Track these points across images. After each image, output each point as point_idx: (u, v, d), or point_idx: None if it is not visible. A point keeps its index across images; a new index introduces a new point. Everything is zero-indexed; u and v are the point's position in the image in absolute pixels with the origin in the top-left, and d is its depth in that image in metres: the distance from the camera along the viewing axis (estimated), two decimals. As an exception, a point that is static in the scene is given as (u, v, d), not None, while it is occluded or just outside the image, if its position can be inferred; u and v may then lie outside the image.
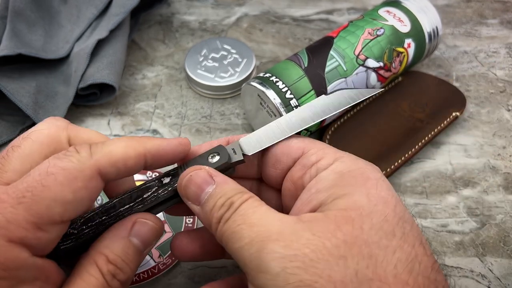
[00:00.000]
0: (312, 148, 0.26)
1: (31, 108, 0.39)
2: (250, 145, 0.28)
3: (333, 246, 0.21)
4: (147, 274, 0.32)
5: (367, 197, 0.22)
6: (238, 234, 0.22)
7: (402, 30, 0.40)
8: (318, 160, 0.25)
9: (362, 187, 0.23)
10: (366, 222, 0.22)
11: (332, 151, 0.26)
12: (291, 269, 0.20)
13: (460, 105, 0.41)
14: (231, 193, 0.24)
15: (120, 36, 0.44)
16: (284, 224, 0.22)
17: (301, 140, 0.27)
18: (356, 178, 0.24)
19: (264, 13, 0.53)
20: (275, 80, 0.36)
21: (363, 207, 0.22)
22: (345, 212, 0.22)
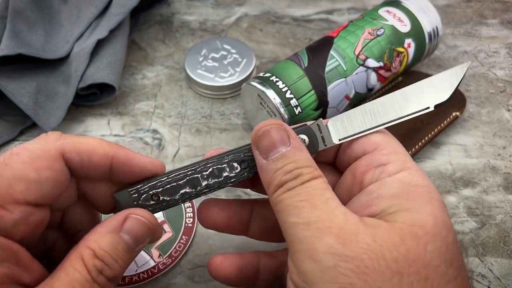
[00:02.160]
0: (386, 148, 0.25)
1: (31, 108, 0.39)
2: (339, 131, 0.26)
3: (393, 259, 0.20)
4: (147, 274, 0.32)
5: (434, 218, 0.21)
6: (298, 209, 0.21)
7: (402, 30, 0.40)
8: (387, 163, 0.24)
9: (428, 206, 0.22)
10: (431, 243, 0.21)
11: (403, 158, 0.24)
12: (344, 270, 0.20)
13: (460, 105, 0.41)
14: (303, 163, 0.23)
15: (120, 36, 0.44)
16: (348, 220, 0.21)
17: (380, 134, 0.26)
18: (422, 194, 0.22)
19: (264, 13, 0.53)
20: (275, 80, 0.36)
21: (430, 227, 0.21)
22: (411, 227, 0.21)
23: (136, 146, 0.41)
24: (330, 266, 0.20)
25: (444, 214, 0.22)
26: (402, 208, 0.22)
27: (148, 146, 0.41)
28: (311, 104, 0.36)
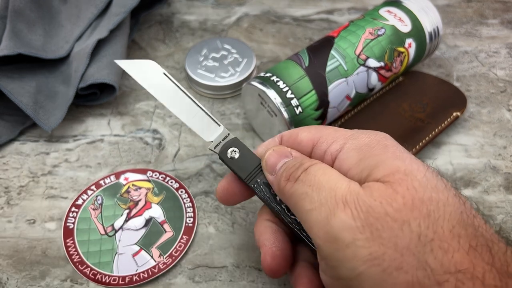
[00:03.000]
0: (321, 137, 0.26)
1: (31, 108, 0.39)
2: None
3: (395, 211, 0.20)
4: (147, 273, 0.32)
5: (400, 160, 0.22)
6: (309, 196, 0.23)
7: (403, 30, 0.40)
8: (329, 146, 0.26)
9: (388, 153, 0.23)
10: (414, 181, 0.21)
11: (341, 133, 0.26)
12: (361, 242, 0.20)
13: (460, 105, 0.41)
14: (302, 158, 0.26)
15: (120, 36, 0.44)
16: (350, 189, 0.22)
17: (307, 131, 0.27)
18: (375, 148, 0.24)
19: (264, 13, 0.53)
20: (275, 80, 0.36)
21: (403, 169, 0.22)
22: (392, 176, 0.22)
23: (136, 146, 0.41)
24: (348, 243, 0.20)
25: (402, 152, 0.23)
26: (371, 167, 0.23)
27: (148, 146, 0.41)
28: (312, 104, 0.36)
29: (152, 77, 0.31)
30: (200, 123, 0.31)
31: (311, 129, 0.28)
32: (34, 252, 0.34)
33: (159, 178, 0.38)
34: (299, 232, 0.26)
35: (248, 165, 0.29)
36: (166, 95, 0.31)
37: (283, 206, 0.27)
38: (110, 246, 0.34)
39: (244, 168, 0.29)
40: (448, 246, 0.19)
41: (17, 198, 0.37)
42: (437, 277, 0.19)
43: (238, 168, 0.29)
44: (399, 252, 0.19)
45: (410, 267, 0.19)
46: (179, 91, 0.31)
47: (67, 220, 0.35)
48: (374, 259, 0.20)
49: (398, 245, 0.20)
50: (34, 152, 0.40)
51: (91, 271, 0.33)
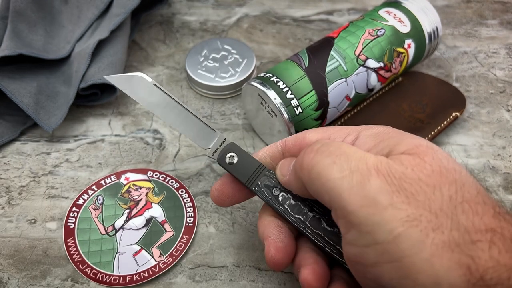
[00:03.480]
0: (331, 134, 0.27)
1: (32, 108, 0.39)
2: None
3: (426, 176, 0.21)
4: (148, 273, 0.32)
5: (418, 139, 0.24)
6: (336, 164, 0.23)
7: (402, 30, 0.40)
8: (344, 138, 0.26)
9: (405, 135, 0.24)
10: (438, 152, 0.23)
11: (352, 128, 0.27)
12: (398, 204, 0.21)
13: (460, 106, 0.41)
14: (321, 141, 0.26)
15: (121, 36, 0.44)
16: (379, 159, 0.23)
17: (314, 131, 0.28)
18: (391, 133, 0.25)
19: (264, 13, 0.53)
20: (275, 80, 0.36)
21: (425, 144, 0.23)
22: (416, 149, 0.23)
23: (137, 146, 0.41)
24: (386, 205, 0.21)
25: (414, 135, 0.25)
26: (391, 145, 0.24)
27: (149, 146, 0.41)
28: (311, 104, 0.36)
29: (143, 91, 0.31)
30: (196, 131, 0.31)
31: (317, 130, 0.28)
32: (35, 252, 0.34)
33: (160, 178, 0.38)
34: (304, 230, 0.27)
35: (248, 169, 0.29)
36: (159, 107, 0.31)
37: (285, 206, 0.28)
38: (111, 246, 0.34)
39: (244, 173, 0.29)
40: (476, 209, 0.21)
41: (18, 198, 0.37)
42: (471, 236, 0.20)
43: (238, 173, 0.29)
44: (434, 213, 0.20)
45: (445, 228, 0.20)
46: (172, 101, 0.31)
47: (68, 220, 0.35)
48: (412, 221, 0.20)
49: (432, 207, 0.21)
50: (35, 152, 0.40)
51: (92, 271, 0.33)
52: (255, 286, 0.32)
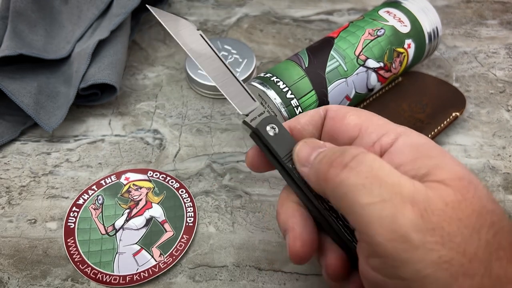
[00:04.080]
0: (370, 126, 0.25)
1: (32, 108, 0.39)
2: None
3: (466, 217, 0.20)
4: (148, 273, 0.32)
5: (460, 166, 0.22)
6: (366, 188, 0.21)
7: (402, 30, 0.40)
8: (380, 137, 0.24)
9: (447, 157, 0.22)
10: (478, 190, 0.21)
11: (392, 127, 0.25)
12: (431, 244, 0.19)
13: (460, 106, 0.41)
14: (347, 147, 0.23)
15: (121, 36, 0.44)
16: (416, 188, 0.21)
17: (357, 115, 0.26)
18: (432, 149, 0.23)
19: (264, 13, 0.53)
20: (275, 80, 0.36)
21: (466, 176, 0.21)
22: (458, 181, 0.21)
23: (137, 146, 0.41)
24: (419, 244, 0.19)
25: (459, 162, 0.23)
26: (430, 167, 0.22)
27: (149, 146, 0.41)
28: (311, 104, 0.36)
29: (189, 37, 0.30)
30: (236, 94, 0.29)
31: (360, 114, 0.26)
32: (35, 252, 0.34)
33: (160, 178, 0.38)
34: (335, 220, 0.25)
35: (286, 145, 0.27)
36: (202, 57, 0.29)
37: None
38: (111, 246, 0.34)
39: (282, 147, 0.27)
40: (510, 257, 0.20)
41: (18, 198, 0.37)
42: (502, 284, 0.19)
43: (277, 145, 0.27)
44: (468, 258, 0.19)
45: (477, 274, 0.19)
46: (217, 57, 0.30)
47: (68, 219, 0.35)
48: (443, 263, 0.19)
49: (467, 251, 0.19)
50: (35, 152, 0.40)
51: (92, 271, 0.33)
52: (255, 286, 0.32)
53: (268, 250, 0.34)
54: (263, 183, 0.38)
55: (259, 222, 0.36)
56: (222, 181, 0.38)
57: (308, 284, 0.32)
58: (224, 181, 0.38)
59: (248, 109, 0.29)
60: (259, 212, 0.36)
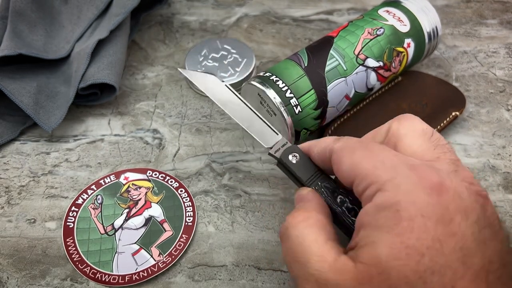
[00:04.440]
0: (358, 176, 0.24)
1: (31, 108, 0.39)
2: None
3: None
4: (147, 272, 0.32)
5: (390, 249, 0.21)
6: (288, 266, 0.25)
7: (401, 30, 0.40)
8: (365, 190, 0.24)
9: (390, 234, 0.21)
10: (384, 281, 0.21)
11: (380, 173, 0.23)
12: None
13: (459, 105, 0.41)
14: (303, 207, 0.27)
15: (121, 36, 0.44)
16: (325, 269, 0.23)
17: (350, 162, 0.25)
18: (388, 219, 0.22)
19: (264, 13, 0.53)
20: (275, 79, 0.36)
21: (382, 262, 0.21)
22: (366, 267, 0.21)
23: (137, 145, 0.41)
24: None
25: (409, 236, 0.21)
26: (365, 243, 0.22)
27: (148, 145, 0.41)
28: (311, 103, 0.36)
29: (216, 90, 0.35)
30: (260, 131, 0.33)
31: (353, 159, 0.25)
32: (34, 252, 0.34)
33: (159, 177, 0.38)
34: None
35: (308, 170, 0.30)
36: (229, 104, 0.34)
37: (343, 208, 0.28)
38: (110, 245, 0.34)
39: (304, 172, 0.30)
40: None
41: (17, 198, 0.37)
42: None
43: (299, 171, 0.30)
44: None
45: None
46: (241, 102, 0.34)
47: (67, 219, 0.35)
48: None
49: None
50: (35, 152, 0.40)
51: (91, 270, 0.33)
52: (254, 286, 0.32)
53: (268, 249, 0.34)
54: (263, 182, 0.38)
55: (259, 222, 0.36)
56: (221, 181, 0.38)
57: (307, 284, 0.32)
58: (224, 181, 0.38)
59: (272, 142, 0.32)
60: (258, 212, 0.36)
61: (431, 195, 0.22)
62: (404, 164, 0.23)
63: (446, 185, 0.22)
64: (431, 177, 0.22)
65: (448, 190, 0.22)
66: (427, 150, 0.25)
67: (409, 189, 0.22)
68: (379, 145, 0.25)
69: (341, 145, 0.27)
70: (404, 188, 0.22)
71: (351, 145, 0.26)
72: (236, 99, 0.34)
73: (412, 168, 0.23)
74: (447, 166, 0.24)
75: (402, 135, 0.26)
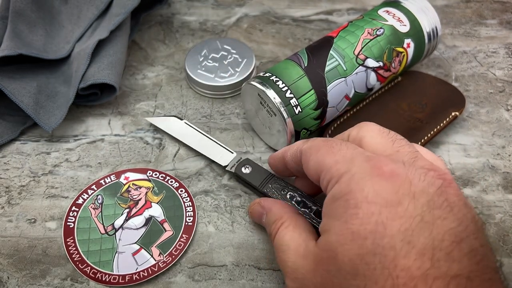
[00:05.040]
0: (322, 170, 0.26)
1: (32, 108, 0.39)
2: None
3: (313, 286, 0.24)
4: (147, 272, 0.32)
5: (337, 235, 0.23)
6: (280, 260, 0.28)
7: (401, 30, 0.40)
8: (327, 184, 0.26)
9: (339, 221, 0.24)
10: (332, 264, 0.23)
11: (339, 166, 0.25)
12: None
13: (459, 105, 0.41)
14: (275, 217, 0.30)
15: (121, 36, 0.44)
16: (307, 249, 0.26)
17: (315, 160, 0.27)
18: (339, 207, 0.24)
19: (264, 13, 0.53)
20: (275, 80, 0.36)
21: (332, 247, 0.23)
22: (321, 252, 0.25)
23: (137, 146, 0.41)
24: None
25: (353, 221, 0.23)
26: (323, 230, 0.25)
27: (148, 145, 0.41)
28: (311, 103, 0.36)
29: (176, 127, 0.41)
30: (217, 153, 0.39)
31: (318, 157, 0.27)
32: (34, 251, 0.34)
33: (159, 177, 0.38)
34: (310, 220, 0.31)
35: (259, 176, 0.36)
36: (189, 137, 0.40)
37: (293, 203, 0.33)
38: (110, 245, 0.34)
39: (256, 179, 0.36)
40: None
41: (17, 198, 0.37)
42: None
43: (252, 179, 0.36)
44: None
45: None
46: (198, 133, 0.40)
47: (68, 219, 0.35)
48: None
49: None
50: (35, 152, 0.40)
51: (91, 270, 0.33)
52: (254, 285, 0.32)
53: (268, 249, 0.34)
54: (263, 182, 0.38)
55: (259, 222, 0.36)
56: (221, 181, 0.38)
57: (307, 284, 0.32)
58: (224, 181, 0.38)
59: (228, 160, 0.38)
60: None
61: (381, 181, 0.23)
62: (361, 156, 0.25)
63: (397, 171, 0.23)
64: (383, 165, 0.24)
65: (399, 176, 0.23)
66: (386, 145, 0.27)
67: (360, 177, 0.24)
68: (343, 142, 0.27)
69: (309, 145, 0.29)
70: (357, 177, 0.24)
71: (317, 144, 0.28)
72: (194, 132, 0.40)
73: (368, 159, 0.25)
74: (405, 157, 0.26)
75: (362, 137, 0.28)
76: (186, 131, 0.40)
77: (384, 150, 0.27)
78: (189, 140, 0.40)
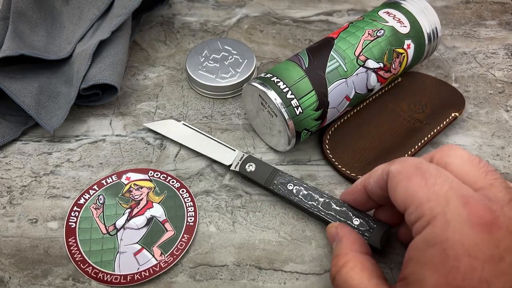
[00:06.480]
0: (412, 204, 0.24)
1: (33, 108, 0.39)
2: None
3: None
4: (149, 272, 0.33)
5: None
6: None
7: (401, 31, 0.40)
8: (417, 220, 0.24)
9: (436, 273, 0.22)
10: None
11: (432, 205, 0.23)
12: None
13: (459, 106, 0.41)
14: (340, 251, 0.29)
15: (122, 37, 0.44)
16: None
17: (404, 188, 0.25)
18: (435, 256, 0.22)
19: (264, 14, 0.53)
20: (276, 81, 0.36)
21: None
22: None
23: (138, 146, 0.41)
24: None
25: (453, 277, 0.21)
26: (412, 280, 0.23)
27: (149, 146, 0.41)
28: (311, 104, 0.36)
29: (174, 129, 0.41)
30: (219, 153, 0.39)
31: (408, 186, 0.25)
32: (36, 251, 0.34)
33: (161, 177, 0.38)
34: (318, 213, 0.33)
35: (264, 173, 0.36)
36: (188, 139, 0.40)
37: (300, 197, 0.34)
38: (112, 245, 0.34)
39: (261, 177, 0.36)
40: None
41: (19, 198, 0.37)
42: None
43: (256, 177, 0.36)
44: None
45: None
46: (198, 133, 0.40)
47: (69, 219, 0.36)
48: None
49: None
50: (37, 152, 0.41)
51: (93, 270, 0.33)
52: (255, 285, 0.32)
53: (268, 249, 0.34)
54: (263, 183, 0.38)
55: (259, 222, 0.36)
56: (222, 181, 0.38)
57: (308, 284, 0.32)
58: (225, 181, 0.38)
59: (231, 159, 0.38)
60: (259, 212, 0.36)
61: (481, 233, 0.21)
62: (457, 196, 0.23)
63: (499, 222, 0.22)
64: (483, 213, 0.22)
65: (500, 228, 0.21)
66: (478, 176, 0.25)
67: (459, 226, 0.22)
68: (437, 172, 0.25)
69: (397, 168, 0.26)
70: (454, 225, 0.22)
71: (408, 170, 0.25)
72: (194, 132, 0.40)
73: (465, 202, 0.22)
74: (502, 195, 0.23)
75: (448, 163, 0.26)
76: (185, 133, 0.40)
77: (475, 181, 0.24)
78: (190, 142, 0.40)
